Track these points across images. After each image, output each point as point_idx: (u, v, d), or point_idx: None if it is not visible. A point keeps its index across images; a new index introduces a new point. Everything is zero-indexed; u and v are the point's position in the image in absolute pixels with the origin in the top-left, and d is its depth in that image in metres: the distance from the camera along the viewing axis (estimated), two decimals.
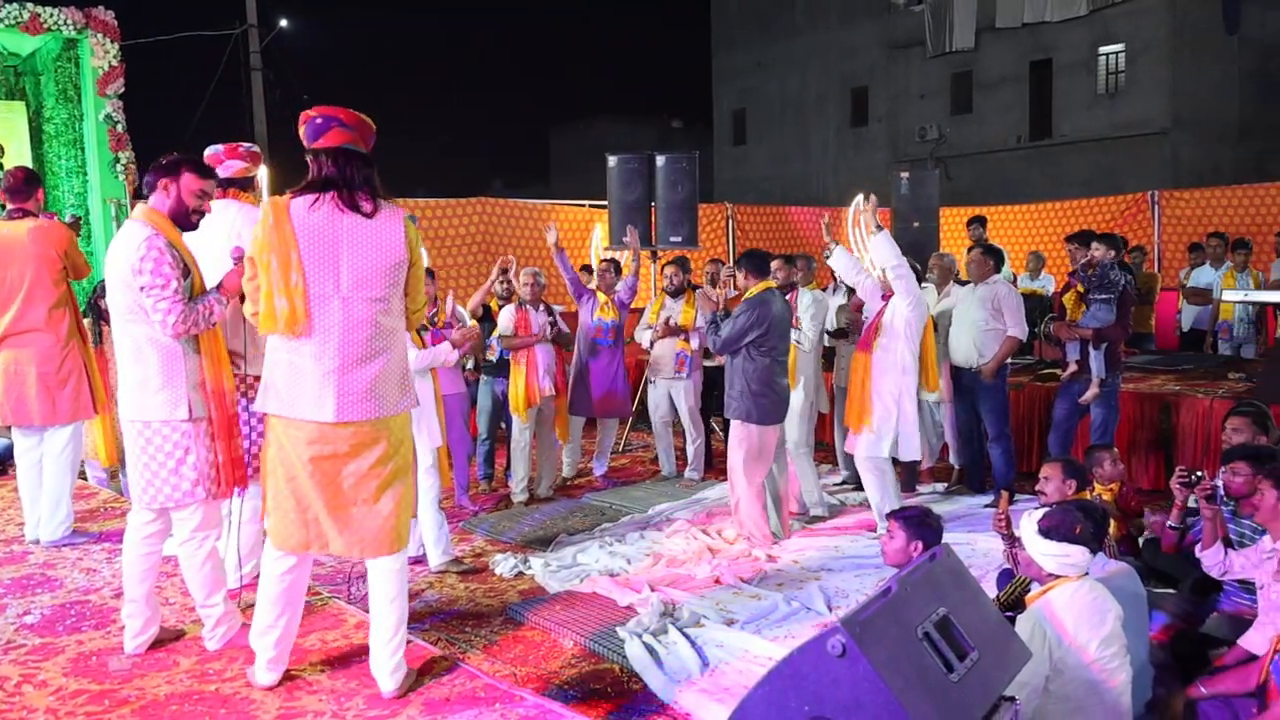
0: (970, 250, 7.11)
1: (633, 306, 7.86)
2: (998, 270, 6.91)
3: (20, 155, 11.14)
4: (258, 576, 4.56)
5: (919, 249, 10.19)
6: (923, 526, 3.82)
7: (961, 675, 2.74)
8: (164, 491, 3.61)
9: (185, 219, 3.74)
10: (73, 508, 5.30)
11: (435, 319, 5.86)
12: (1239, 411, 5.10)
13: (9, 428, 5.36)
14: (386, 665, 3.39)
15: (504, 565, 5.61)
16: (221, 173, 4.38)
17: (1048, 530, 3.39)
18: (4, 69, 10.82)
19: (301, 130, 3.27)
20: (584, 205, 12.57)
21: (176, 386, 3.59)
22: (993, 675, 2.88)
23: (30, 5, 9.69)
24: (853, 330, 6.93)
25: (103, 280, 6.84)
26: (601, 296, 7.51)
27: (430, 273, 6.77)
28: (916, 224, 11.67)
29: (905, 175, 12.13)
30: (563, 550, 5.89)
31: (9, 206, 5.21)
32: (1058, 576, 3.38)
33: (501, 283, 7.38)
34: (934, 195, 11.99)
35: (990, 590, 4.32)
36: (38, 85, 11.08)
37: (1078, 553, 3.36)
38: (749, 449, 5.90)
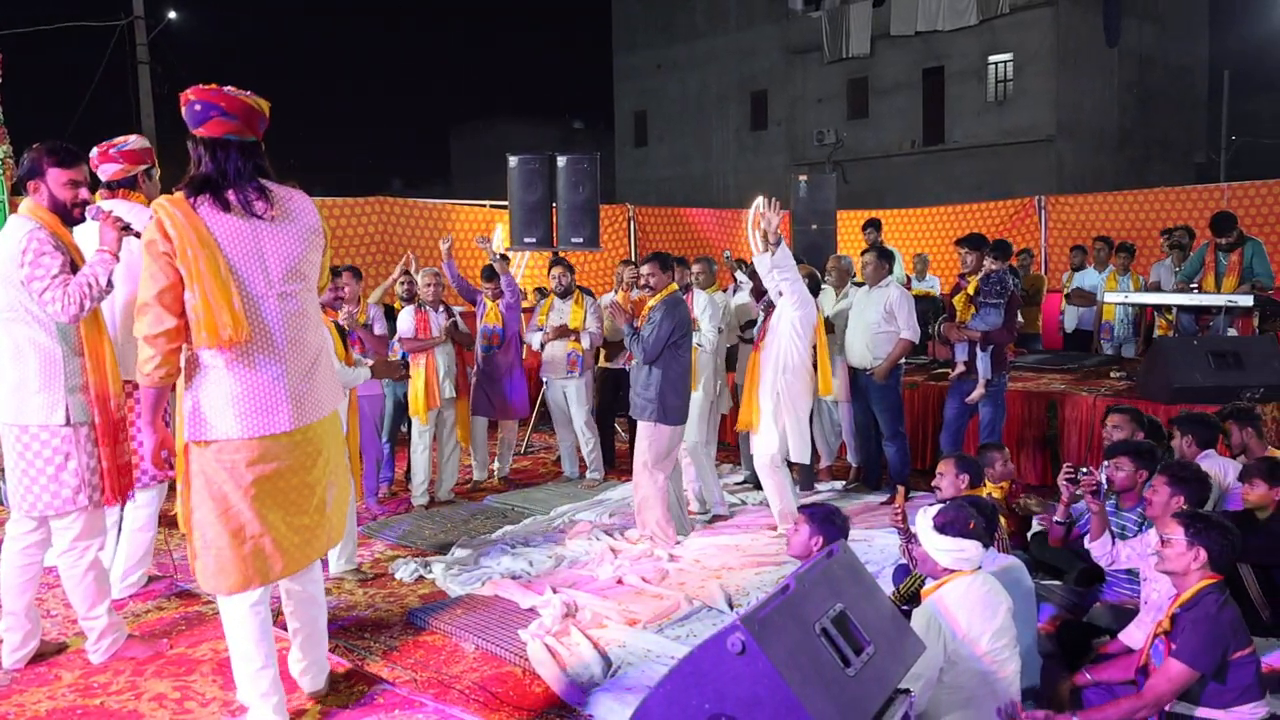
0: (864, 253, 7.26)
1: (524, 306, 7.86)
2: (891, 273, 7.08)
3: None
4: (145, 585, 4.45)
5: (817, 251, 10.38)
6: (826, 523, 3.89)
7: (858, 670, 2.80)
8: (43, 499, 3.48)
9: (67, 213, 3.59)
10: None
11: (356, 319, 5.79)
12: (1120, 409, 5.32)
13: None
14: (317, 664, 3.32)
15: (404, 570, 5.53)
16: (102, 176, 4.24)
17: (943, 526, 3.49)
18: None
19: (182, 111, 3.03)
20: (485, 205, 12.48)
21: (54, 390, 3.45)
22: (888, 669, 2.95)
23: None
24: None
25: None
26: (488, 302, 7.49)
27: (357, 271, 6.67)
28: (814, 226, 11.85)
29: (804, 179, 12.33)
30: (464, 553, 5.83)
31: None
32: (953, 571, 3.48)
33: (403, 283, 7.29)
34: (831, 198, 12.20)
35: (887, 586, 4.42)
36: None
37: (972, 547, 3.46)
38: (659, 449, 5.94)
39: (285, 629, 3.45)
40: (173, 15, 19.15)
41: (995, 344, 6.57)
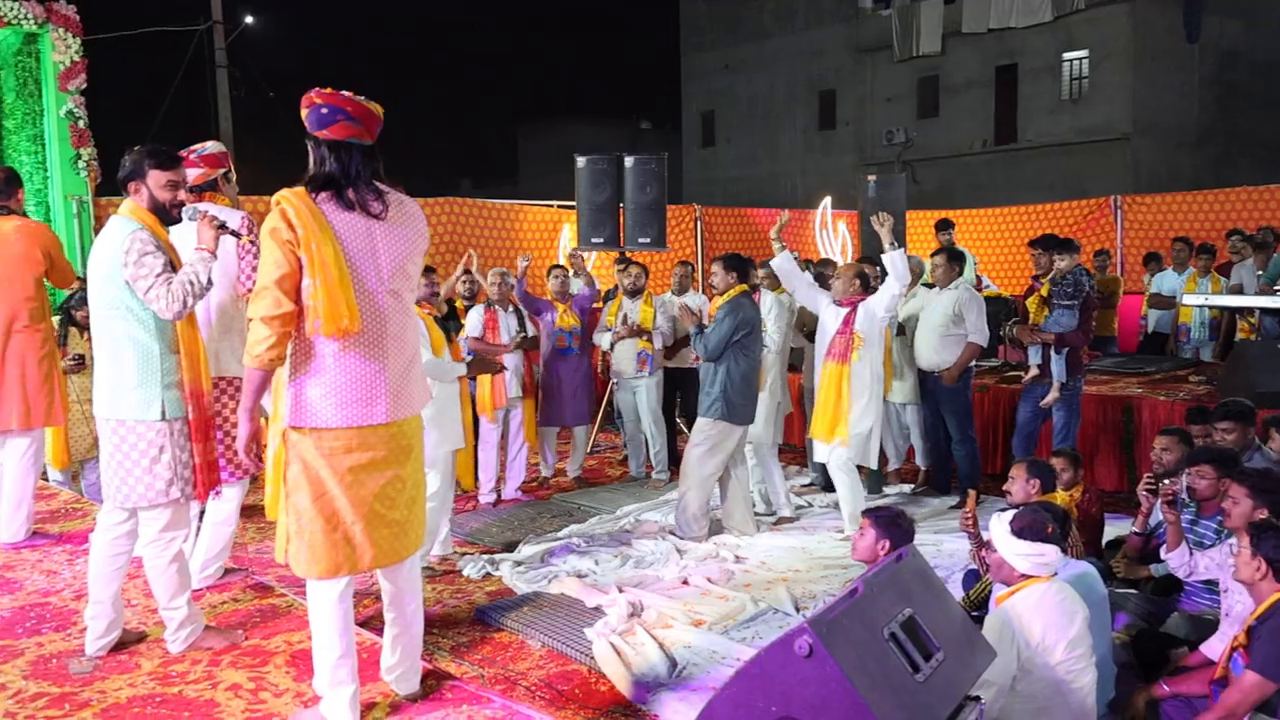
0: (934, 255, 7.17)
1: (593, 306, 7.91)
2: (961, 274, 6.97)
3: None
4: (222, 577, 4.55)
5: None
6: (893, 526, 3.85)
7: (927, 675, 2.76)
8: (136, 491, 3.57)
9: (165, 213, 3.69)
10: (34, 509, 5.22)
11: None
12: (1168, 430, 5.13)
13: None
14: (418, 665, 3.36)
15: (471, 567, 5.59)
16: None
17: (1021, 530, 3.42)
18: None
19: (304, 113, 3.09)
20: (552, 205, 12.56)
21: (151, 386, 3.55)
22: (958, 675, 2.91)
23: None
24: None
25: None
26: (559, 305, 7.53)
27: (429, 268, 6.77)
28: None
29: (872, 179, 12.18)
30: (531, 552, 5.87)
31: None
32: (1028, 577, 3.42)
33: (464, 281, 7.35)
34: (901, 199, 12.03)
35: (956, 591, 4.36)
36: None
37: (1051, 552, 3.40)
38: (713, 444, 5.96)
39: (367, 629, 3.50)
40: (249, 20, 19.53)
41: (1070, 346, 6.45)
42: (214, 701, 3.30)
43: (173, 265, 3.57)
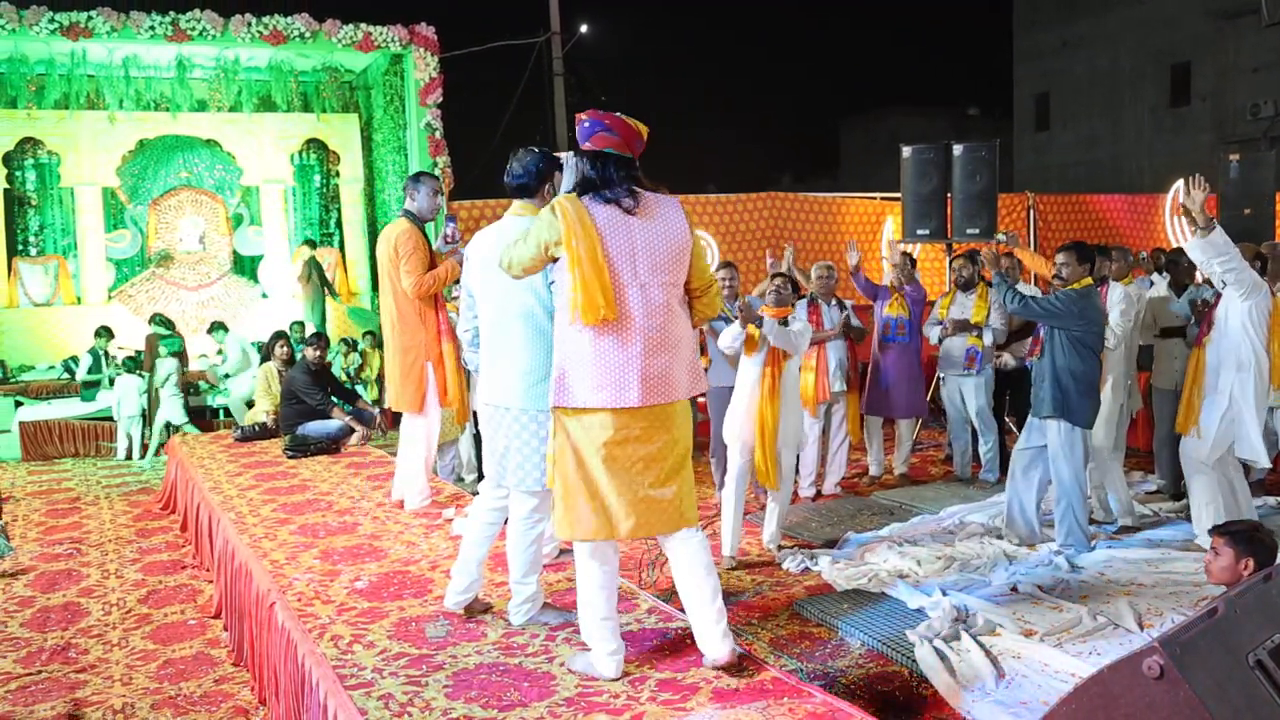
0: None
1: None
2: None
3: (353, 162, 12.32)
4: (556, 558, 4.83)
5: (1251, 239, 9.32)
6: (1253, 543, 3.48)
7: None
8: (533, 475, 3.86)
9: None
10: (427, 486, 5.80)
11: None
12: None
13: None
14: (715, 631, 3.45)
15: (791, 560, 5.61)
16: None
17: None
18: (341, 84, 12.00)
19: (576, 131, 3.49)
20: (875, 198, 12.36)
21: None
22: None
23: (363, 25, 10.67)
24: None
25: None
26: (894, 292, 7.37)
27: (733, 266, 6.90)
28: (1248, 211, 10.69)
29: (1235, 158, 11.14)
30: (851, 548, 5.81)
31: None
32: None
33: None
34: (1269, 179, 10.95)
35: None
36: (368, 98, 12.21)
37: None
38: (1080, 453, 5.62)
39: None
40: (584, 29, 20.50)
41: None
42: (550, 674, 3.50)
43: None
